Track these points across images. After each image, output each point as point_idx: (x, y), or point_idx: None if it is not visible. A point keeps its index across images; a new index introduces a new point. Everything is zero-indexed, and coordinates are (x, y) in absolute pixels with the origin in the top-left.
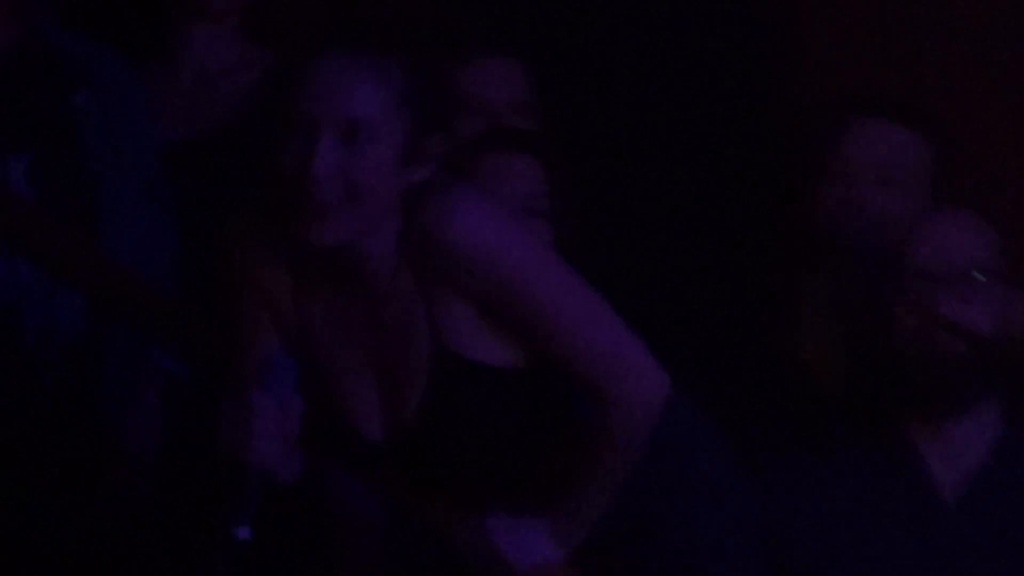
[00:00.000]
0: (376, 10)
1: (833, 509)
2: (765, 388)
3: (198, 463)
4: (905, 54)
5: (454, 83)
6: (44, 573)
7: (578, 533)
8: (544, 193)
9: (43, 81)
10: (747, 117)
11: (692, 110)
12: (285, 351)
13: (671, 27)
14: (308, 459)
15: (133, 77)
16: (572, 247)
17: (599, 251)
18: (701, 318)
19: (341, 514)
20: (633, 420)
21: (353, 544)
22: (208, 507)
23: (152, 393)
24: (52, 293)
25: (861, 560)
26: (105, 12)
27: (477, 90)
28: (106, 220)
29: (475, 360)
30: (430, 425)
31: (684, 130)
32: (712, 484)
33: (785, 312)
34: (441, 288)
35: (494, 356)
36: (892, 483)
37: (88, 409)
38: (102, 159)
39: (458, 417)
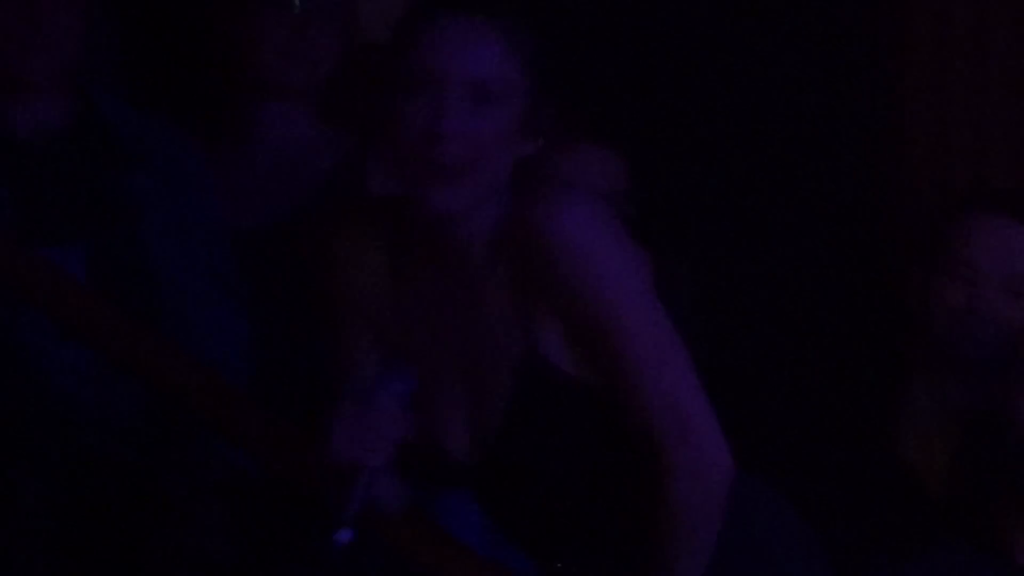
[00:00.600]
0: None
1: None
2: (866, 489)
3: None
4: (1008, 143)
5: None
6: None
7: None
8: (623, 192)
9: (101, 163)
10: (855, 203)
11: (803, 197)
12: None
13: (784, 119)
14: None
15: (196, 156)
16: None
17: (706, 325)
18: (803, 410)
19: None
20: (695, 494)
21: None
22: None
23: (215, 491)
24: (113, 385)
25: None
26: (171, 87)
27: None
28: (171, 310)
29: (562, 369)
30: (513, 436)
31: (795, 215)
32: None
33: (891, 410)
34: (533, 288)
35: (578, 370)
36: None
37: (148, 502)
38: (164, 245)
39: (542, 427)
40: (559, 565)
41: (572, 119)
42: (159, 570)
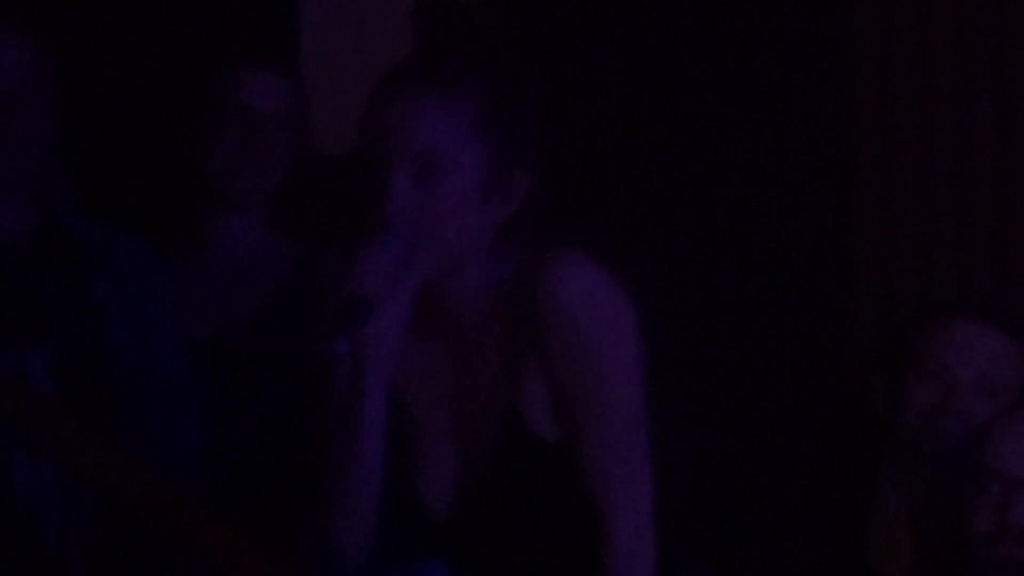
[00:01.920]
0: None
1: None
2: None
3: None
4: (959, 246)
5: None
6: None
7: None
8: None
9: (61, 270)
10: (811, 303)
11: (764, 300)
12: None
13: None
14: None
15: (155, 265)
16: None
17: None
18: (772, 529)
19: None
20: (631, 562)
21: None
22: None
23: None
24: (74, 494)
25: None
26: (127, 199)
27: None
28: (130, 417)
29: (538, 433)
30: (490, 493)
31: (758, 309)
32: None
33: (860, 512)
34: (526, 350)
35: (556, 434)
36: None
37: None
38: (124, 352)
39: (516, 488)
40: None
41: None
42: None
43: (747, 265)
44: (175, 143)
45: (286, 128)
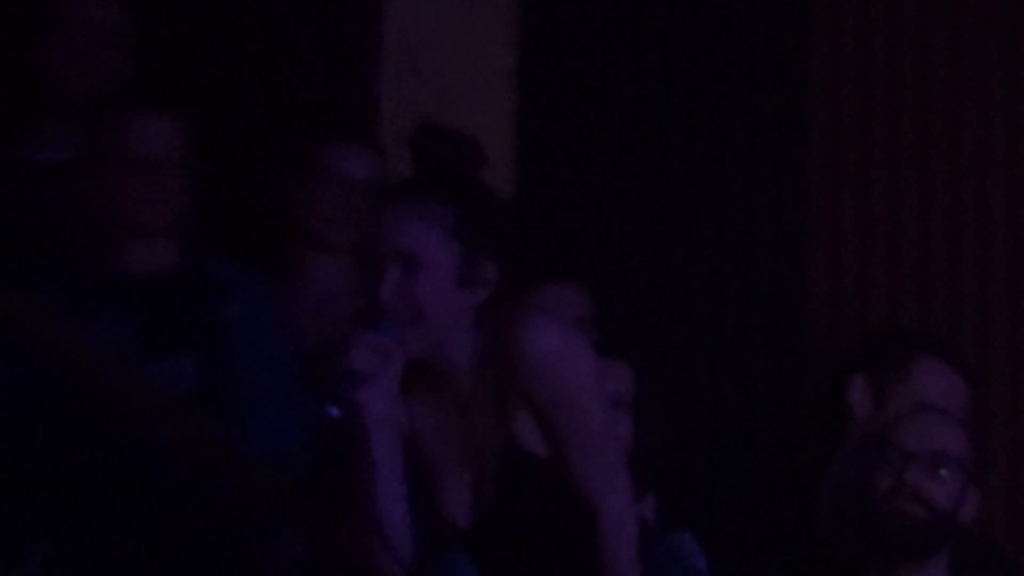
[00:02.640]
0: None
1: None
2: (794, 554)
3: None
4: (890, 285)
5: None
6: None
7: None
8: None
9: (203, 296)
10: (767, 333)
11: (718, 340)
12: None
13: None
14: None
15: (271, 294)
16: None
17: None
18: (745, 504)
19: None
20: (620, 535)
21: None
22: None
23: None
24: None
25: None
26: (243, 241)
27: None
28: (253, 412)
29: (537, 454)
30: (500, 512)
31: (731, 341)
32: None
33: (812, 494)
34: (510, 392)
35: (547, 451)
36: None
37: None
38: (249, 360)
39: (520, 500)
40: None
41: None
42: None
43: (719, 303)
44: (280, 202)
45: (370, 191)
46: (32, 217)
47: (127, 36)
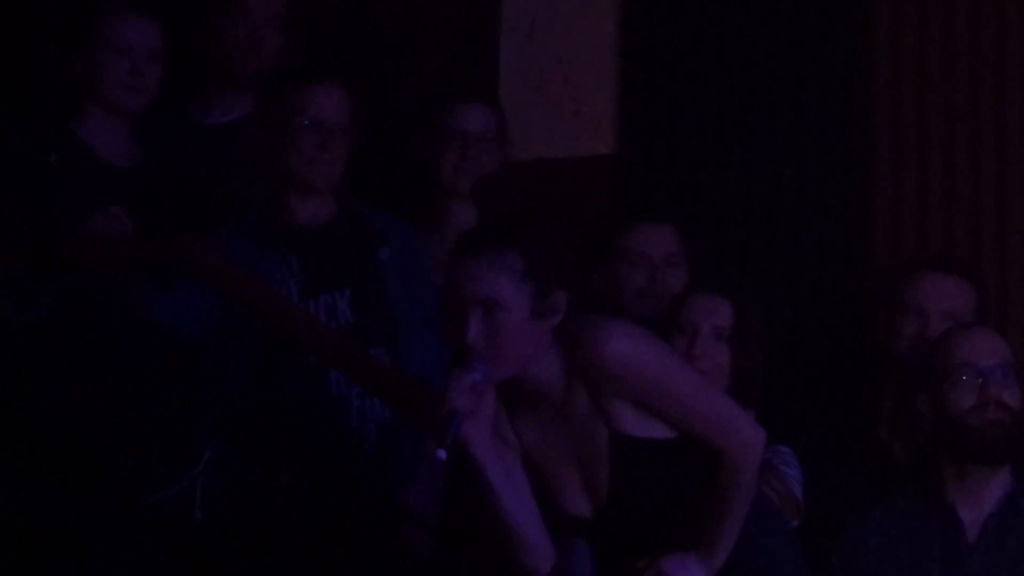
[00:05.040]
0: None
1: (889, 543)
2: (854, 456)
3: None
4: (963, 221)
5: (620, 243)
6: None
7: (721, 558)
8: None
9: (357, 241)
10: (840, 265)
11: (802, 264)
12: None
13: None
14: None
15: (417, 239)
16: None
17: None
18: (817, 417)
19: None
20: (745, 462)
21: None
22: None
23: (430, 473)
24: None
25: None
26: (390, 192)
27: (638, 247)
28: (404, 341)
29: (641, 437)
30: (619, 496)
31: (795, 282)
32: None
33: (871, 404)
34: (601, 390)
35: (655, 432)
36: (932, 527)
37: (389, 481)
38: (400, 298)
39: (637, 484)
40: None
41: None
42: None
43: (797, 243)
44: (418, 155)
45: (493, 142)
46: (210, 172)
47: (286, 20)
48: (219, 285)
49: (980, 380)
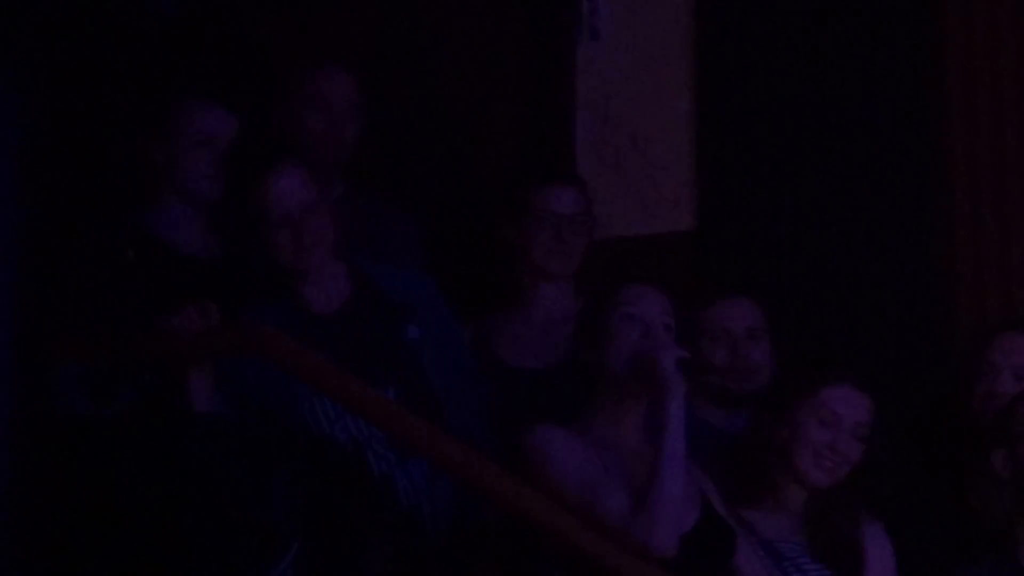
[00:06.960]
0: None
1: None
2: (945, 524)
3: None
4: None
5: (702, 318)
6: None
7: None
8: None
9: (382, 322)
10: (921, 342)
11: (881, 336)
12: None
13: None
14: None
15: (451, 313)
16: None
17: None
18: (908, 489)
19: None
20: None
21: None
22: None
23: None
24: (436, 488)
25: None
26: (470, 274)
27: (720, 322)
28: (446, 419)
29: None
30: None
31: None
32: None
33: (960, 473)
34: None
35: None
36: None
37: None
38: (438, 374)
39: None
40: None
41: None
42: None
43: (878, 313)
44: (503, 236)
45: (585, 226)
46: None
47: (363, 111)
48: (297, 371)
49: None
